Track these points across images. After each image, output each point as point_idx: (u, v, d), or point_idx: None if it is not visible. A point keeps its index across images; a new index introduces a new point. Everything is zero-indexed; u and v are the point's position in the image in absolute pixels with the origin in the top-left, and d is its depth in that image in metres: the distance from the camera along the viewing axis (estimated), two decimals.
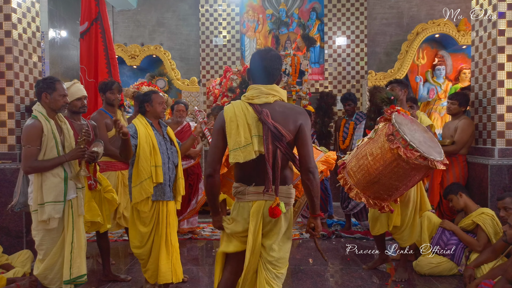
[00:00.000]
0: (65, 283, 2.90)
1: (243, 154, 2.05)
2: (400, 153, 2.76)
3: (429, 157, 2.75)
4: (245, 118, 2.08)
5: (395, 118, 2.94)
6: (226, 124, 2.11)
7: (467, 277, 3.29)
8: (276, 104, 2.12)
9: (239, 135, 2.06)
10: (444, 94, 7.11)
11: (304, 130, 2.11)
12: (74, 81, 3.44)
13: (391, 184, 2.96)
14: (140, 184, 3.06)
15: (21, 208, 3.08)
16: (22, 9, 4.17)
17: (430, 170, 2.92)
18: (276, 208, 2.05)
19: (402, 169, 2.85)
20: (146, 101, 3.23)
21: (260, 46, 8.09)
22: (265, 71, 2.14)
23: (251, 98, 2.12)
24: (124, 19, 8.33)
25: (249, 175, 2.15)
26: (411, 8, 7.81)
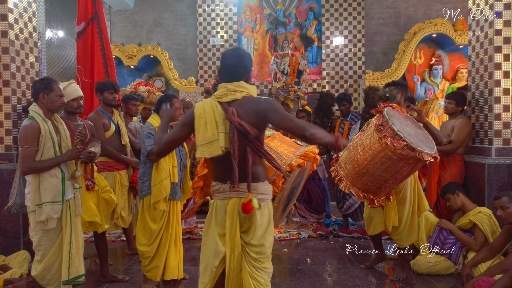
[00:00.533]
0: (63, 283, 2.90)
1: (209, 150, 2.11)
2: (387, 141, 2.81)
3: (417, 148, 2.79)
4: (213, 115, 2.13)
5: (387, 111, 3.00)
6: (195, 120, 2.16)
7: (465, 276, 3.30)
8: (244, 99, 2.15)
9: (207, 131, 2.12)
10: (441, 94, 7.13)
11: (274, 113, 2.09)
12: (71, 81, 3.42)
13: (379, 176, 2.99)
14: (160, 183, 3.18)
15: (18, 210, 3.06)
16: (19, 9, 4.15)
17: (419, 162, 2.94)
18: (249, 204, 2.07)
19: (390, 160, 2.90)
20: (165, 102, 3.29)
21: (258, 46, 8.10)
22: (231, 69, 2.19)
23: (219, 97, 2.17)
24: (121, 19, 8.31)
25: (224, 173, 2.17)
26: (408, 8, 7.83)
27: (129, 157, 4.08)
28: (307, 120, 5.36)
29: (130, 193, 4.15)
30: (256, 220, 2.15)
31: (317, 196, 5.16)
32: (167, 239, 3.34)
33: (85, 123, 3.51)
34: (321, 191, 5.17)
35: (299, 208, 5.33)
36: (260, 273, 2.15)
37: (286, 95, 5.89)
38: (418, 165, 3.02)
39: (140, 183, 3.32)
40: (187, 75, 7.93)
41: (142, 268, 3.38)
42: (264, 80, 7.92)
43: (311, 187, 5.15)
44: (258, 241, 2.15)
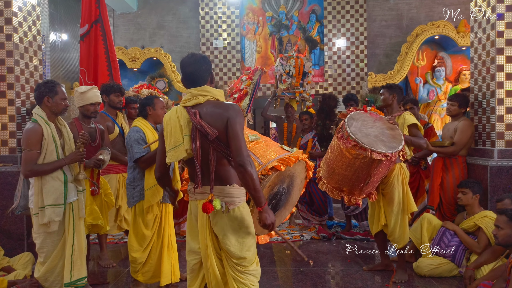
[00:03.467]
0: (65, 285, 2.91)
1: (175, 154, 2.15)
2: (340, 142, 3.12)
3: (368, 148, 3.01)
4: (178, 120, 2.16)
5: (352, 114, 3.30)
6: (163, 128, 2.23)
7: (467, 278, 3.30)
8: (207, 103, 2.18)
9: (172, 136, 2.17)
10: (444, 96, 7.13)
11: (232, 124, 2.09)
12: (93, 86, 3.48)
13: (344, 175, 3.29)
14: (155, 186, 3.08)
15: (22, 211, 3.09)
16: (23, 13, 4.19)
17: (375, 161, 3.10)
18: (208, 204, 2.08)
19: (347, 159, 3.17)
20: (148, 104, 3.24)
21: (260, 49, 8.12)
22: (192, 76, 2.21)
23: (184, 102, 2.21)
24: (124, 22, 8.36)
25: (194, 174, 2.20)
26: (411, 10, 7.83)
27: None
28: (310, 123, 5.36)
29: None
30: (225, 224, 2.13)
31: (319, 198, 5.16)
32: (158, 244, 3.26)
33: (97, 127, 3.54)
34: (322, 194, 5.17)
35: (301, 210, 5.34)
36: (245, 276, 2.16)
37: (292, 96, 5.89)
38: (377, 164, 3.14)
39: (130, 189, 3.18)
40: None
41: (131, 273, 3.30)
42: (267, 82, 7.94)
43: (313, 189, 5.15)
44: (235, 247, 2.14)
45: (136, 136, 3.10)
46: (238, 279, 2.14)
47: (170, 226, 3.33)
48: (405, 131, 3.61)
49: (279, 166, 2.55)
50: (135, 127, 3.17)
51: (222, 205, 2.10)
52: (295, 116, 5.82)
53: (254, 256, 2.22)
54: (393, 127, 3.38)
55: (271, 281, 3.63)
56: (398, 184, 3.51)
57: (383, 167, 3.22)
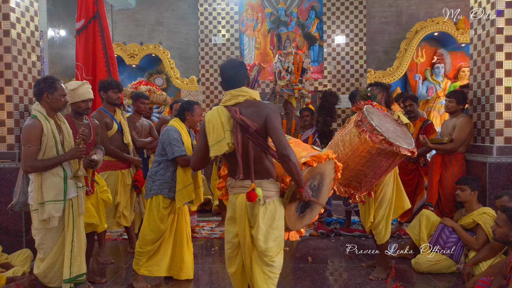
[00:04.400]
0: (65, 282, 2.91)
1: (218, 148, 2.33)
2: (366, 136, 2.95)
3: (394, 143, 2.92)
4: (219, 117, 2.36)
5: (367, 108, 3.14)
6: (205, 126, 2.42)
7: (465, 274, 3.31)
8: (245, 102, 2.39)
9: (215, 132, 2.36)
10: (443, 92, 7.12)
11: (271, 120, 2.30)
12: (83, 82, 3.43)
13: (360, 170, 3.13)
14: (185, 188, 3.24)
15: (21, 208, 3.07)
16: (21, 8, 4.16)
17: (397, 157, 3.05)
18: (252, 192, 2.25)
19: (369, 154, 3.03)
20: (188, 109, 3.41)
21: (259, 45, 8.11)
22: (231, 79, 2.44)
23: (224, 102, 2.43)
24: (123, 18, 8.32)
25: (234, 169, 2.38)
26: (410, 7, 7.82)
27: (132, 156, 4.10)
28: (311, 119, 5.35)
29: (132, 192, 4.17)
30: (260, 215, 2.30)
31: None
32: (170, 240, 3.39)
33: (91, 122, 3.52)
34: None
35: None
36: (268, 269, 2.36)
37: (291, 93, 5.88)
38: (396, 160, 3.13)
39: (150, 182, 3.33)
40: (189, 74, 7.94)
41: (134, 265, 3.38)
42: (266, 78, 7.92)
43: None
44: (264, 235, 2.31)
45: (175, 136, 3.27)
46: (263, 271, 2.35)
47: (187, 223, 3.50)
48: None
49: (311, 162, 2.61)
50: (173, 127, 3.32)
51: (263, 198, 2.28)
52: (294, 113, 5.81)
53: (279, 248, 2.39)
54: (400, 124, 3.34)
55: None
56: (390, 181, 3.50)
57: (396, 163, 3.20)
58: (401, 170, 4.71)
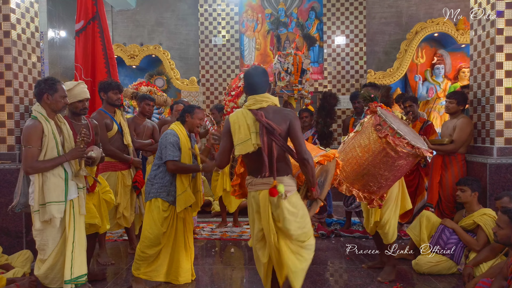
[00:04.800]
0: (66, 283, 2.89)
1: (244, 147, 2.55)
2: (389, 140, 2.93)
3: (416, 145, 2.93)
4: (245, 119, 2.59)
5: (381, 111, 3.13)
6: (231, 126, 2.63)
7: (466, 275, 3.30)
8: (269, 107, 2.62)
9: (241, 133, 2.58)
10: (443, 93, 7.13)
11: (294, 126, 2.56)
12: (78, 82, 3.43)
13: (381, 175, 3.09)
14: (185, 192, 3.28)
15: (22, 209, 3.05)
16: (21, 9, 4.17)
17: (417, 159, 3.07)
18: (274, 189, 2.49)
19: (391, 158, 3.00)
20: (188, 112, 3.42)
21: (259, 46, 8.11)
22: (256, 85, 2.68)
23: (249, 106, 2.64)
24: (123, 19, 8.33)
25: (256, 168, 2.61)
26: (410, 7, 7.82)
27: (132, 157, 4.10)
28: (310, 120, 5.34)
29: (133, 193, 4.16)
30: (285, 208, 2.52)
31: None
32: (169, 244, 3.40)
33: (89, 122, 3.52)
34: None
35: None
36: (304, 250, 2.59)
37: (290, 94, 5.87)
38: (415, 162, 3.16)
39: (149, 185, 3.35)
40: (189, 75, 7.94)
41: (133, 270, 3.38)
42: None
43: None
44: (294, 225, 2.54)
45: (172, 139, 3.29)
46: (298, 253, 2.58)
47: (187, 227, 3.48)
48: None
49: (323, 161, 2.76)
50: (172, 131, 3.34)
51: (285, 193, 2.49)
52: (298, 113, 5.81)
53: (310, 232, 2.63)
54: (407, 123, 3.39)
55: None
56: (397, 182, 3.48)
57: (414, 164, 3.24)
58: None
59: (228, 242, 4.82)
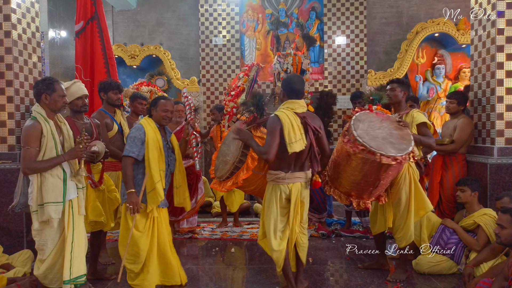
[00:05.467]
0: (65, 283, 2.89)
1: (298, 145, 2.96)
2: (347, 147, 3.03)
3: (377, 152, 2.90)
4: (295, 121, 3.02)
5: (357, 116, 3.20)
6: (283, 125, 2.98)
7: (466, 275, 3.30)
8: (307, 112, 3.16)
9: (295, 132, 2.98)
10: (444, 93, 7.11)
11: (322, 129, 3.16)
12: (75, 80, 3.45)
13: (352, 180, 3.20)
14: (155, 188, 3.04)
15: (22, 209, 3.05)
16: (22, 10, 4.17)
17: (384, 165, 2.99)
18: (316, 181, 3.23)
19: (355, 164, 3.07)
20: (152, 105, 3.24)
21: (260, 46, 8.11)
22: (299, 92, 3.16)
23: (294, 109, 3.09)
24: (123, 19, 8.33)
25: (289, 164, 3.08)
26: (411, 7, 7.82)
27: None
28: None
29: None
30: (306, 197, 3.19)
31: (318, 196, 5.15)
32: (153, 249, 3.12)
33: (92, 121, 3.53)
34: (321, 191, 5.16)
35: None
36: (305, 230, 3.26)
37: None
38: (387, 168, 3.04)
39: (122, 186, 3.11)
40: (190, 75, 7.94)
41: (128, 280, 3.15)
42: (266, 79, 7.92)
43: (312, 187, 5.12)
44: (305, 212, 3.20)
45: (133, 134, 3.09)
46: (303, 233, 3.23)
47: (167, 231, 3.24)
48: (414, 130, 3.49)
49: None
50: (139, 125, 3.16)
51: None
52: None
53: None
54: (401, 127, 3.26)
55: (270, 279, 3.63)
56: (404, 184, 3.42)
57: (393, 170, 3.12)
58: None
59: (229, 242, 4.82)
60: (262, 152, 3.00)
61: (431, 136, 3.54)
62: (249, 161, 3.29)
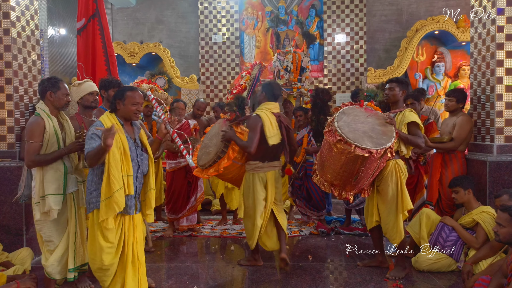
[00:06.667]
0: (70, 271, 3.03)
1: (275, 139, 3.63)
2: (326, 136, 3.22)
3: (352, 143, 3.05)
4: (272, 119, 3.68)
5: (344, 109, 3.34)
6: (264, 123, 3.59)
7: (465, 273, 3.30)
8: (279, 113, 3.82)
9: (273, 128, 3.64)
10: (443, 91, 7.13)
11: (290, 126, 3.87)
12: (86, 79, 3.61)
13: (333, 169, 3.32)
14: (112, 196, 2.58)
15: (26, 201, 3.20)
16: (21, 7, 4.16)
17: (362, 158, 3.10)
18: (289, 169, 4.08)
19: (334, 154, 3.20)
20: (118, 97, 2.77)
21: (259, 44, 8.10)
22: (278, 96, 3.88)
23: (271, 109, 3.75)
24: (123, 17, 8.32)
25: (265, 155, 3.70)
26: (411, 5, 7.81)
27: None
28: (304, 118, 5.25)
29: None
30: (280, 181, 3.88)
31: (316, 193, 5.14)
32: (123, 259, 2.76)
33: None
34: (319, 189, 5.15)
35: (299, 205, 5.34)
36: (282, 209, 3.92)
37: (290, 92, 5.85)
38: (363, 161, 3.13)
39: (87, 194, 2.74)
40: (189, 73, 7.94)
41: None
42: (266, 77, 7.92)
43: (310, 185, 5.12)
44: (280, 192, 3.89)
45: (93, 131, 2.65)
46: (282, 212, 3.85)
47: (137, 238, 2.83)
48: (404, 129, 3.52)
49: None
50: (98, 121, 2.74)
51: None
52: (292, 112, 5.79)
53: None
54: (386, 124, 3.32)
55: (270, 276, 3.64)
56: (391, 181, 3.45)
57: (369, 164, 3.17)
58: None
59: (228, 240, 4.82)
60: (246, 146, 3.55)
61: (421, 136, 3.55)
62: (230, 152, 3.67)
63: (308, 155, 5.12)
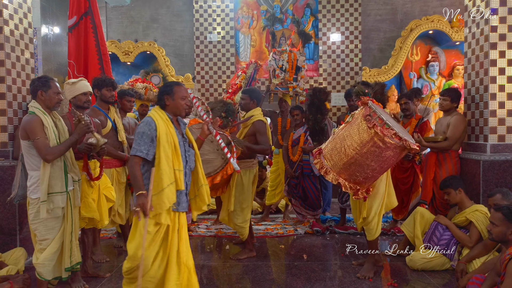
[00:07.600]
0: (66, 270, 3.07)
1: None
2: (377, 130, 2.99)
3: (403, 137, 3.00)
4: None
5: (371, 103, 3.21)
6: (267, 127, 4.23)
7: (459, 271, 3.32)
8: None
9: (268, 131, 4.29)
10: (437, 90, 7.15)
11: None
12: (81, 78, 3.55)
13: (367, 165, 3.13)
14: (163, 190, 2.56)
15: (20, 201, 3.19)
16: (14, 5, 4.13)
17: (404, 151, 3.12)
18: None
19: (379, 148, 3.05)
20: (167, 93, 2.74)
21: (255, 43, 8.09)
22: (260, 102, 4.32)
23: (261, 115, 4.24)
24: (117, 15, 8.27)
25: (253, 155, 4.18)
26: (405, 5, 7.83)
27: (126, 153, 4.08)
28: (301, 118, 5.26)
29: (127, 190, 4.16)
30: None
31: (312, 193, 5.15)
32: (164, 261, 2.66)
33: (92, 120, 3.53)
34: (316, 188, 5.17)
35: (295, 205, 5.34)
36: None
37: (285, 91, 5.84)
38: (401, 155, 3.21)
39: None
40: (184, 72, 7.91)
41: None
42: (261, 76, 7.91)
43: (306, 184, 5.13)
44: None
45: (141, 129, 2.62)
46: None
47: (183, 239, 2.72)
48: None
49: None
50: (148, 118, 2.68)
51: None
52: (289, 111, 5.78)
53: None
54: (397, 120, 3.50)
55: (265, 275, 3.64)
56: (384, 176, 3.49)
57: (400, 158, 3.31)
58: (397, 168, 4.73)
59: (224, 239, 4.82)
60: (266, 149, 4.14)
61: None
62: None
63: (305, 154, 5.13)
